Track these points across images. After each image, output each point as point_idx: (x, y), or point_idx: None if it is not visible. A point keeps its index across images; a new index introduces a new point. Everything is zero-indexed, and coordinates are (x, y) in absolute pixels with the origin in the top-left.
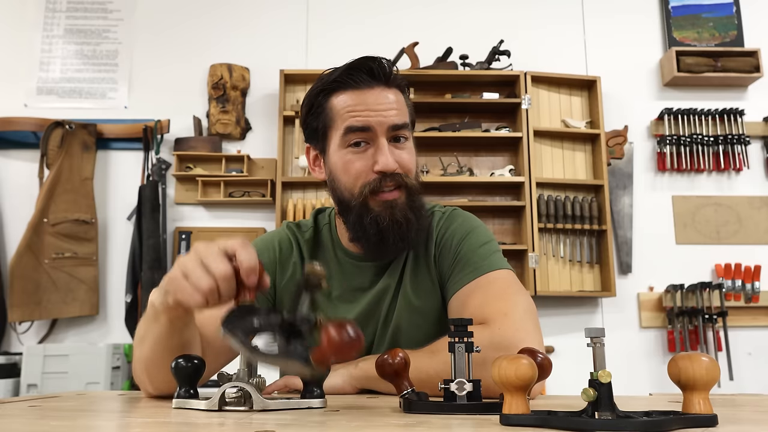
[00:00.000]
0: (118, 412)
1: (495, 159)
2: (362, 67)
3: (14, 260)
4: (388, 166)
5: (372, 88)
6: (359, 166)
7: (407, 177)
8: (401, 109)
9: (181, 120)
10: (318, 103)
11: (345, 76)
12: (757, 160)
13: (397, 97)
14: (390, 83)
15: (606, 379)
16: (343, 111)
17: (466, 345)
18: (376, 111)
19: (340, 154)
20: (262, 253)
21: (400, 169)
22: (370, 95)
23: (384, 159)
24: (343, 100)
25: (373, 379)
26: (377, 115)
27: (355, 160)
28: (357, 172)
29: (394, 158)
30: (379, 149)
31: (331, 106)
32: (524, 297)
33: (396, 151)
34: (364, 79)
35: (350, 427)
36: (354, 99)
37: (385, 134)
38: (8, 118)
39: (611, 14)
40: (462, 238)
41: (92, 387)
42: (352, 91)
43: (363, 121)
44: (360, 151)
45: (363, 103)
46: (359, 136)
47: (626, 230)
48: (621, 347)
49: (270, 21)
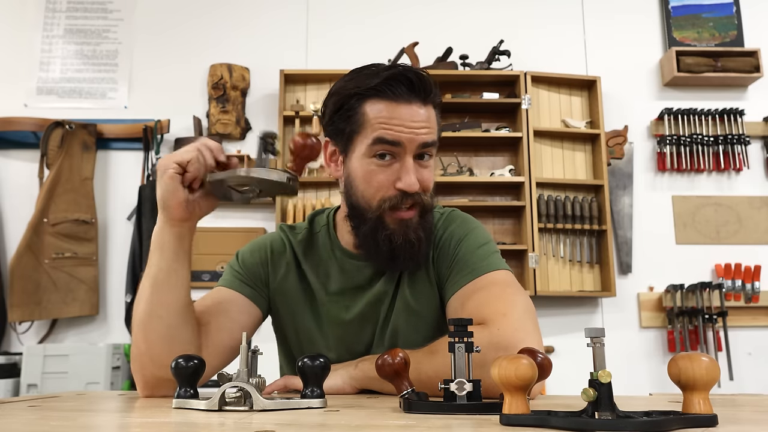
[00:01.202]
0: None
1: (495, 159)
2: (403, 80)
3: (14, 260)
4: (411, 187)
5: (409, 103)
6: (382, 179)
7: (424, 195)
8: (433, 127)
9: (181, 120)
10: (350, 106)
11: (384, 85)
12: (757, 160)
13: (430, 114)
14: (427, 100)
15: (606, 379)
16: (375, 120)
17: (466, 345)
18: (410, 128)
19: (364, 163)
20: (253, 253)
21: (420, 189)
22: (406, 110)
23: (408, 178)
24: (378, 110)
25: (373, 380)
26: (410, 132)
27: (378, 172)
28: (378, 184)
29: (417, 177)
30: (405, 167)
31: (363, 112)
32: (523, 297)
33: (420, 170)
34: (402, 92)
35: (350, 427)
36: (389, 111)
37: (413, 152)
38: (8, 118)
39: (611, 14)
40: (460, 240)
41: (92, 387)
42: (388, 101)
43: (394, 136)
44: (385, 164)
45: (398, 117)
46: (387, 149)
47: (626, 230)
48: (621, 347)
49: (270, 21)
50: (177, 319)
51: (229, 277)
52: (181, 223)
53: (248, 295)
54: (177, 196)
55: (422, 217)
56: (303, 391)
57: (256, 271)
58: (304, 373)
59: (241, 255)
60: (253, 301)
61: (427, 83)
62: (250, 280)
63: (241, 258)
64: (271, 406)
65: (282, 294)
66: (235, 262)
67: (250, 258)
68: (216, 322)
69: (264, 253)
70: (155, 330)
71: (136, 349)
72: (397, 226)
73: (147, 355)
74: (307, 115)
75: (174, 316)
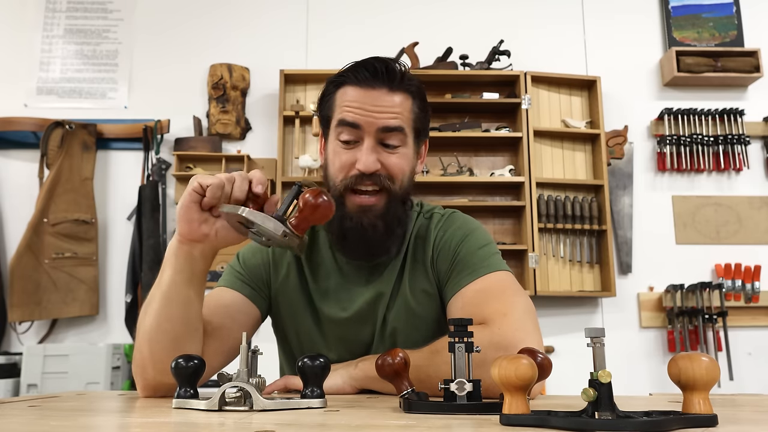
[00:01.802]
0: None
1: (495, 159)
2: (367, 66)
3: (14, 260)
4: (367, 167)
5: (374, 89)
6: (344, 160)
7: (391, 182)
8: (401, 113)
9: (181, 120)
10: (328, 92)
11: (350, 71)
12: (757, 160)
13: (399, 102)
14: (394, 87)
15: (606, 379)
16: (341, 104)
17: (466, 345)
18: (368, 111)
19: (333, 145)
20: (255, 254)
21: (383, 171)
22: (369, 95)
23: (364, 158)
24: (344, 94)
25: (373, 379)
26: (368, 115)
27: (342, 153)
28: (341, 164)
29: (377, 159)
30: (363, 149)
31: (335, 97)
32: (523, 298)
33: (384, 154)
34: (365, 77)
35: (350, 427)
36: (353, 95)
37: (373, 135)
38: (8, 118)
39: (611, 14)
40: (460, 241)
41: (92, 387)
42: (354, 87)
43: (353, 118)
44: (348, 147)
45: (359, 100)
46: (348, 132)
47: (626, 230)
48: (621, 347)
49: (270, 21)
50: (183, 333)
51: (230, 277)
52: (191, 243)
53: (248, 295)
54: (189, 215)
55: (388, 205)
56: (303, 391)
57: (257, 272)
58: (304, 373)
59: (242, 255)
60: (253, 301)
61: (393, 71)
62: (251, 281)
63: (242, 258)
64: (271, 406)
65: (283, 294)
66: (236, 262)
67: (251, 259)
68: (215, 322)
69: (265, 255)
70: (160, 342)
71: (139, 354)
72: (355, 209)
73: (150, 362)
74: (307, 115)
75: (180, 331)
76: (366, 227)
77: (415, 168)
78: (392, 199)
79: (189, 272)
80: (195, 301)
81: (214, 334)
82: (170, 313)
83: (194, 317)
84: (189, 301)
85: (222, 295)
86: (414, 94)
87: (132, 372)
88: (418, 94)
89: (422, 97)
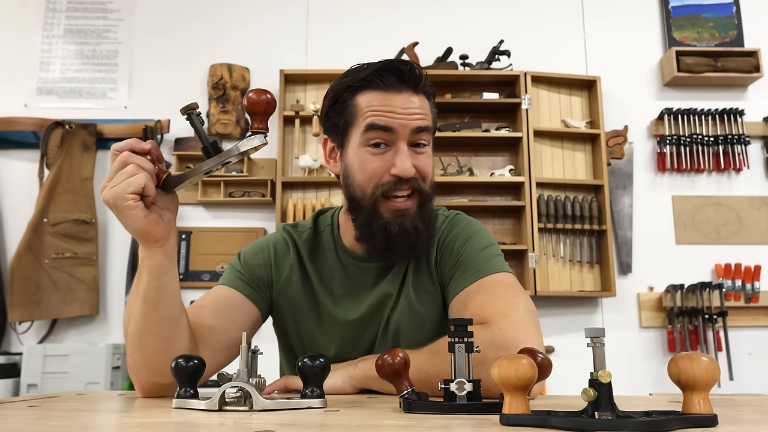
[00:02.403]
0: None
1: (495, 159)
2: (393, 70)
3: (14, 260)
4: (406, 171)
5: (400, 92)
6: (376, 166)
7: (423, 182)
8: (426, 114)
9: (181, 120)
10: (343, 99)
11: (374, 75)
12: (757, 160)
13: (422, 103)
14: (418, 89)
15: (606, 379)
16: (367, 109)
17: (466, 345)
18: (401, 114)
19: (359, 152)
20: (256, 254)
21: (417, 174)
22: (397, 98)
23: (402, 163)
24: (369, 99)
25: (373, 379)
26: (401, 118)
27: (372, 160)
28: (373, 171)
29: (412, 163)
30: (399, 152)
31: (356, 103)
32: (525, 299)
33: (416, 156)
34: (393, 81)
35: (350, 427)
36: (380, 99)
37: (406, 138)
38: (8, 118)
39: (611, 14)
40: (464, 242)
41: (92, 387)
42: (379, 91)
43: (386, 122)
44: (379, 152)
45: (389, 104)
46: (380, 136)
47: (626, 230)
48: (621, 347)
49: (270, 21)
50: (170, 331)
51: (230, 276)
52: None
53: (248, 295)
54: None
55: (421, 207)
56: (303, 391)
57: (258, 272)
58: (304, 373)
59: (243, 255)
60: (253, 301)
61: (417, 73)
62: (252, 281)
63: (244, 258)
64: (271, 406)
65: (285, 295)
66: (237, 261)
67: (252, 259)
68: (214, 321)
69: (267, 255)
70: (149, 344)
71: (131, 360)
72: (393, 215)
73: (143, 366)
74: (307, 115)
75: (167, 330)
76: (410, 231)
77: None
78: (424, 200)
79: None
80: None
81: (212, 334)
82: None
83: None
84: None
85: (221, 294)
86: (431, 95)
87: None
88: (433, 95)
89: (434, 98)
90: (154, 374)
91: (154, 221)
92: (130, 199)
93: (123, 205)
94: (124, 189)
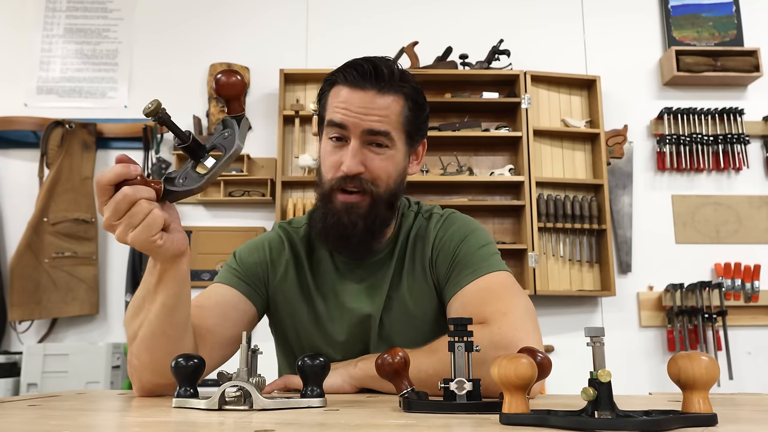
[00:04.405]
0: (117, 412)
1: (495, 158)
2: (356, 66)
3: (14, 260)
4: (349, 168)
5: (363, 90)
6: (333, 160)
7: (373, 184)
8: (388, 116)
9: (181, 119)
10: (322, 92)
11: (340, 71)
12: (756, 159)
13: (388, 104)
14: (384, 88)
15: (606, 379)
16: (332, 104)
17: (466, 344)
18: (355, 112)
19: (325, 144)
20: (251, 253)
21: (366, 174)
22: (358, 95)
23: (347, 161)
24: (336, 93)
25: (373, 378)
26: (354, 117)
27: (331, 153)
28: (330, 164)
29: (361, 161)
30: (347, 150)
31: (327, 97)
32: (523, 298)
33: (369, 155)
34: (354, 77)
35: (350, 426)
36: (344, 95)
37: (359, 137)
38: (8, 118)
39: (611, 14)
40: (460, 241)
41: (92, 386)
42: (346, 86)
43: (340, 119)
44: (338, 146)
45: (348, 101)
46: (337, 132)
47: (626, 230)
48: (621, 347)
49: (270, 21)
50: (181, 334)
51: (226, 273)
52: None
53: (244, 293)
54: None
55: (371, 207)
56: (303, 391)
57: (254, 270)
58: (303, 372)
59: (238, 254)
60: (250, 299)
61: (381, 72)
62: (248, 278)
63: (239, 257)
64: (270, 406)
65: (282, 293)
66: (232, 260)
67: (248, 257)
68: (212, 320)
69: (263, 253)
70: (161, 347)
71: (137, 361)
72: (339, 206)
73: (149, 368)
74: (307, 115)
75: (179, 333)
76: (346, 225)
77: (405, 169)
78: (375, 202)
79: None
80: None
81: (209, 332)
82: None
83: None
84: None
85: (217, 292)
86: (407, 95)
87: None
88: (412, 94)
89: (417, 98)
90: (159, 376)
91: (177, 240)
92: (156, 239)
93: (151, 247)
94: (148, 234)
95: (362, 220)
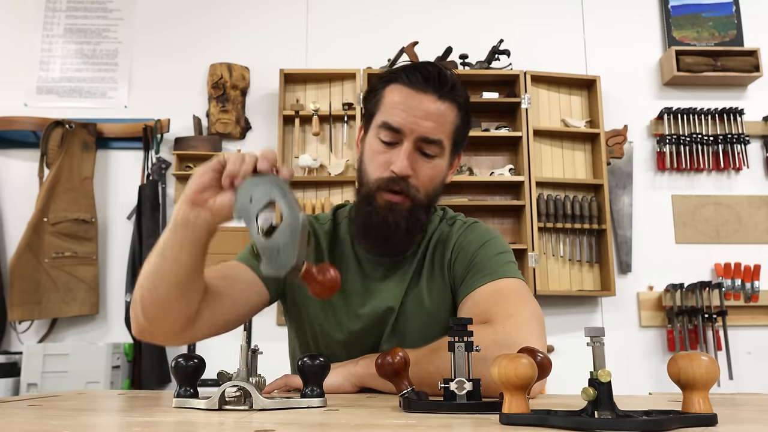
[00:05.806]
0: (118, 412)
1: (495, 158)
2: (420, 69)
3: (14, 260)
4: (401, 170)
5: (424, 93)
6: (382, 160)
7: (417, 190)
8: (442, 125)
9: (181, 119)
10: (375, 88)
11: (403, 71)
12: (756, 159)
13: (443, 111)
14: (443, 95)
15: (606, 379)
16: (388, 103)
17: (466, 344)
18: (413, 116)
19: (373, 141)
20: None
21: (413, 180)
22: (417, 99)
23: (399, 162)
24: (393, 94)
25: (373, 378)
26: (412, 121)
27: (381, 152)
28: (378, 163)
29: (410, 165)
30: (401, 152)
31: (383, 95)
32: (532, 304)
33: (419, 161)
34: (417, 79)
35: (350, 426)
36: (402, 96)
37: (413, 141)
38: (8, 118)
39: (611, 14)
40: (479, 246)
41: (92, 386)
42: (405, 87)
43: (397, 123)
44: (388, 148)
45: (406, 104)
46: (389, 135)
47: (626, 229)
48: (621, 346)
49: (270, 21)
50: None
51: (247, 253)
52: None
53: (261, 277)
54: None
55: (412, 210)
56: (303, 391)
57: None
58: (303, 372)
59: None
60: (264, 282)
61: (445, 78)
62: None
63: None
64: (271, 406)
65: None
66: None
67: None
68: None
69: None
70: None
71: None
72: (383, 206)
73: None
74: (307, 115)
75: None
76: (390, 224)
77: (445, 178)
78: (416, 205)
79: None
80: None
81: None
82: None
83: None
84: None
85: (232, 267)
86: (460, 106)
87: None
88: (465, 106)
89: (467, 110)
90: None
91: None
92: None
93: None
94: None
95: (405, 220)
